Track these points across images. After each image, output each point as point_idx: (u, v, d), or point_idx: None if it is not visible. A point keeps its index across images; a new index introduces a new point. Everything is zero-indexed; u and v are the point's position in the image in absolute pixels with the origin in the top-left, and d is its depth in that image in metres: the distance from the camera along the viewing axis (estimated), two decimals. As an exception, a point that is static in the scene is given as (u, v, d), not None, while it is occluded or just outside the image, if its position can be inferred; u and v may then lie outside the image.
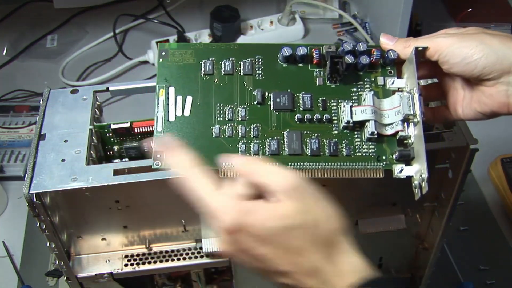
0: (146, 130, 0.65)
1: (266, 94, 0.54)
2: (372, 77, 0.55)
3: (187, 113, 0.53)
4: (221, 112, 0.53)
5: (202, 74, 0.55)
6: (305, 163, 0.52)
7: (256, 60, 0.55)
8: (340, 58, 0.53)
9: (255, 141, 0.52)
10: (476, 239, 0.88)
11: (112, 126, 0.65)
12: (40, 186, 0.55)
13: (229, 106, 0.53)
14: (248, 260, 0.46)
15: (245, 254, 0.46)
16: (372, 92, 0.53)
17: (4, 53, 1.17)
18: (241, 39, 1.15)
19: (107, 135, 0.66)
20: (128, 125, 0.65)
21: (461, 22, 1.21)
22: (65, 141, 0.59)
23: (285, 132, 0.53)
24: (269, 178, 0.45)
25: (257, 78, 0.55)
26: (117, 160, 0.68)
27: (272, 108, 0.54)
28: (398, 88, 0.54)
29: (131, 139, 0.67)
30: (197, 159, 0.47)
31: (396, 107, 0.52)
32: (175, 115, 0.53)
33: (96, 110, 0.64)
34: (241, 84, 0.54)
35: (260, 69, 0.55)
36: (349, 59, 0.53)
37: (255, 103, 0.54)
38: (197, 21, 1.21)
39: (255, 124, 0.53)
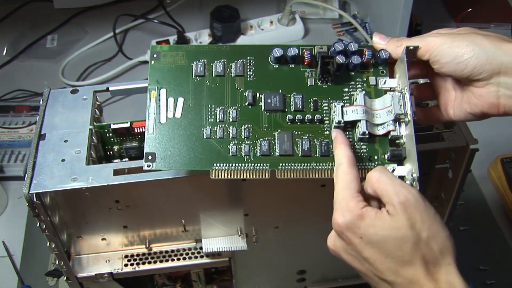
0: (146, 130, 0.65)
1: (258, 95, 0.54)
2: (364, 77, 0.55)
3: (178, 114, 0.53)
4: (212, 113, 0.53)
5: (193, 75, 0.55)
6: (296, 164, 0.52)
7: (248, 61, 0.55)
8: (331, 58, 0.53)
9: (246, 142, 0.52)
10: (476, 239, 0.88)
11: (112, 126, 0.65)
12: (40, 186, 0.55)
13: (220, 107, 0.54)
14: (351, 259, 0.48)
15: (348, 253, 0.48)
16: (364, 92, 0.53)
17: (4, 53, 1.17)
18: (241, 39, 1.15)
19: (107, 135, 0.66)
20: (128, 125, 0.65)
21: (461, 22, 1.21)
22: (65, 141, 0.59)
23: (276, 133, 0.53)
24: (389, 188, 0.47)
25: (248, 79, 0.55)
26: (117, 160, 0.68)
27: (263, 109, 0.54)
28: (390, 88, 0.54)
29: (131, 139, 0.67)
30: (354, 159, 0.50)
31: (388, 106, 0.52)
32: (167, 116, 0.53)
33: (96, 110, 0.64)
34: (232, 86, 0.55)
35: (252, 70, 0.55)
36: (340, 59, 0.53)
37: (246, 104, 0.54)
38: (197, 21, 1.21)
39: (246, 125, 0.53)
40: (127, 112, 1.03)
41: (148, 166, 0.52)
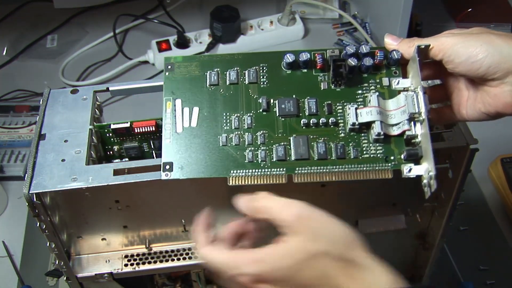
0: (146, 130, 0.65)
1: (271, 101, 0.54)
2: (377, 79, 0.55)
3: (194, 124, 0.54)
4: (228, 121, 0.54)
5: (207, 85, 0.55)
6: (312, 168, 0.52)
7: (260, 68, 0.56)
8: (343, 61, 0.53)
9: (261, 148, 0.53)
10: (476, 239, 0.88)
11: (112, 126, 0.65)
12: (40, 186, 0.55)
13: (235, 115, 0.54)
14: None
15: None
16: (377, 93, 0.53)
17: (4, 53, 1.17)
18: (241, 39, 1.15)
19: (107, 135, 0.66)
20: (128, 125, 0.65)
21: (461, 22, 1.21)
22: (65, 141, 0.59)
23: (291, 138, 0.53)
24: (272, 213, 0.47)
25: (262, 86, 0.55)
26: (117, 160, 0.68)
27: (277, 114, 0.54)
28: (404, 88, 0.54)
29: (131, 139, 0.67)
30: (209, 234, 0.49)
31: (402, 106, 0.52)
32: (183, 126, 0.53)
33: (96, 110, 0.64)
34: (246, 93, 0.55)
35: (265, 76, 0.55)
36: (352, 62, 0.53)
37: (260, 110, 0.54)
38: (197, 21, 1.21)
39: (261, 131, 0.53)
40: (127, 112, 1.03)
41: (166, 175, 0.52)
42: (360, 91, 0.54)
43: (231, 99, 0.55)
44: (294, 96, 0.54)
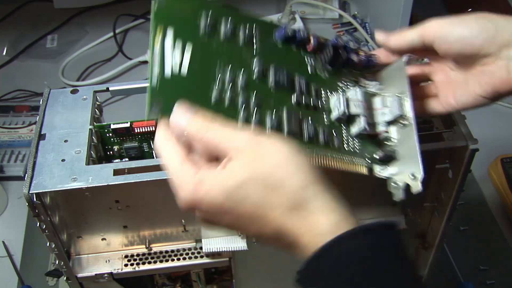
0: (146, 130, 0.65)
1: (265, 68, 0.51)
2: (354, 77, 0.54)
3: (184, 70, 0.48)
4: (220, 80, 0.49)
5: (201, 32, 0.50)
6: (301, 147, 0.48)
7: (254, 32, 0.53)
8: (342, 49, 0.53)
9: (255, 114, 0.49)
10: (476, 239, 0.88)
11: (112, 126, 0.65)
12: (40, 186, 0.55)
13: (228, 74, 0.49)
14: (218, 227, 0.44)
15: (211, 224, 0.43)
16: (362, 89, 0.53)
17: (4, 53, 1.17)
18: (241, 39, 1.15)
19: (107, 135, 0.66)
20: (128, 125, 0.65)
21: (461, 22, 1.21)
22: (65, 141, 0.59)
23: (284, 109, 0.50)
24: (219, 137, 0.42)
25: (256, 50, 0.52)
26: (117, 160, 0.68)
27: (272, 83, 0.51)
28: (378, 91, 0.54)
29: (131, 139, 0.67)
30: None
31: (384, 107, 0.52)
32: (172, 69, 0.47)
33: (96, 110, 0.64)
34: (240, 53, 0.51)
35: (258, 42, 0.53)
36: (345, 52, 0.53)
37: (255, 76, 0.50)
38: (197, 21, 1.21)
39: (255, 96, 0.49)
40: (127, 112, 1.03)
41: (155, 114, 0.45)
42: (340, 84, 0.54)
43: (225, 56, 0.50)
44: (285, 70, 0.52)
